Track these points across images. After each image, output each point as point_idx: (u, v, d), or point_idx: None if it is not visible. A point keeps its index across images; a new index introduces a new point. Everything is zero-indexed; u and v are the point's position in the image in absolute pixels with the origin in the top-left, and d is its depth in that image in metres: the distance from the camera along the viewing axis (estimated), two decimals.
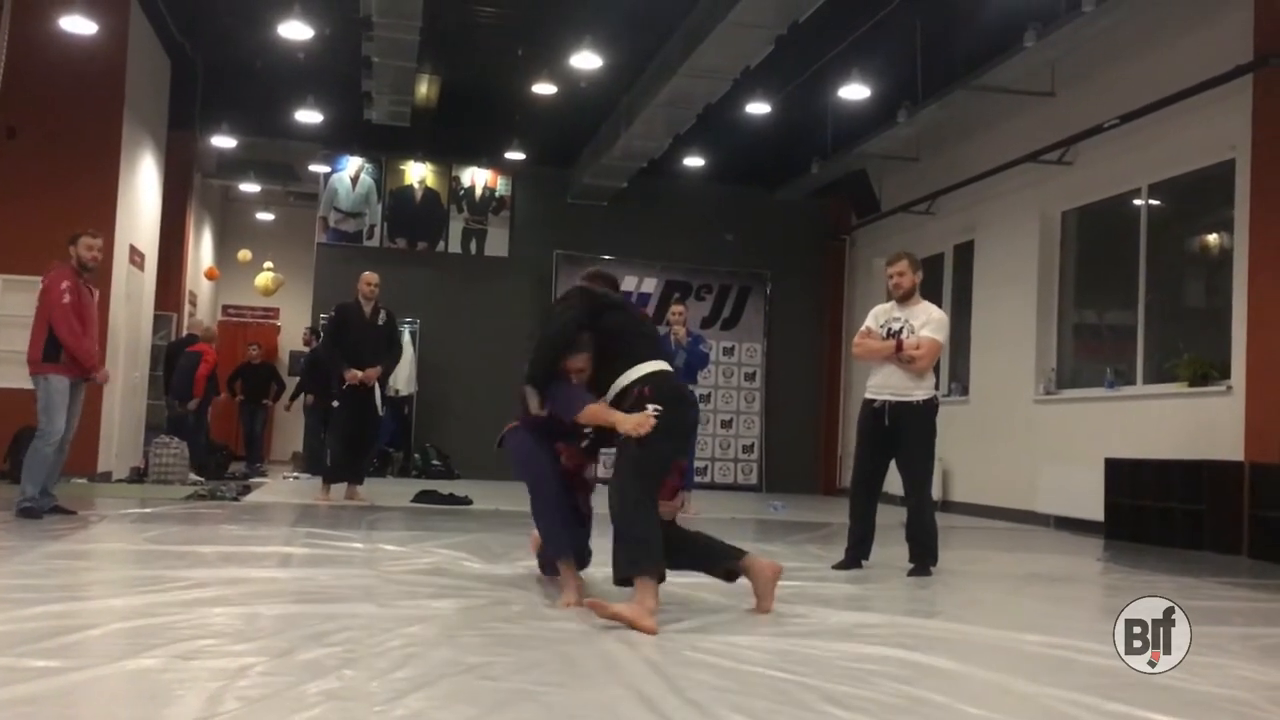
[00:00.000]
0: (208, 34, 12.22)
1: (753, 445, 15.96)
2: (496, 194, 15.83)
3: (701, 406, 10.93)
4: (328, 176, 15.46)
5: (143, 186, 12.18)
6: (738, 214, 16.06)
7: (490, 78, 12.77)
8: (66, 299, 7.03)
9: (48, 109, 10.44)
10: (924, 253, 12.80)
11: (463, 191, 15.76)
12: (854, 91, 11.29)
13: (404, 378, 14.39)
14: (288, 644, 3.32)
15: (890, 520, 6.41)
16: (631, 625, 3.78)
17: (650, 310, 15.71)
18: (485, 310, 15.35)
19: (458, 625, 3.77)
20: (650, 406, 4.18)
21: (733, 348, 16.00)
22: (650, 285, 15.87)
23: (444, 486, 11.09)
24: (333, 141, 15.05)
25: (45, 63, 10.16)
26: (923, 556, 6.03)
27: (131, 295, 11.75)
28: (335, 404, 9.42)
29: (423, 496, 9.99)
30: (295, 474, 13.51)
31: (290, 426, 17.17)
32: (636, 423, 4.12)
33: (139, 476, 11.24)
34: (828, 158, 13.76)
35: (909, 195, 13.72)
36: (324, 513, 8.49)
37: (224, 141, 14.74)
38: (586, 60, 10.86)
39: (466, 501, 9.86)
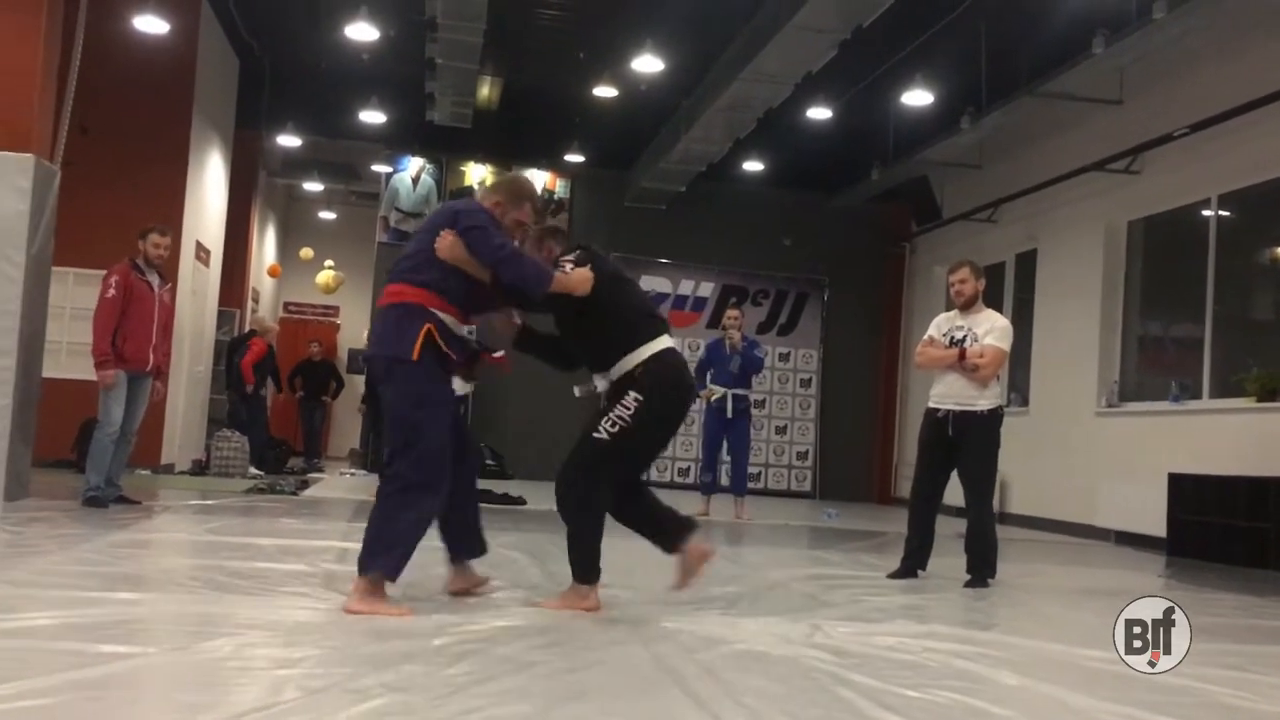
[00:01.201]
0: (275, 35, 12.42)
1: (807, 452, 15.88)
2: (555, 196, 15.89)
3: (755, 412, 10.90)
4: (389, 177, 15.63)
5: (210, 184, 12.41)
6: (796, 219, 15.98)
7: (551, 80, 12.84)
8: (110, 293, 7.12)
9: (120, 107, 10.66)
10: (985, 261, 12.66)
11: None
12: (917, 97, 11.20)
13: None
14: (346, 637, 3.36)
15: (947, 530, 6.35)
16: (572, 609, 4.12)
17: (706, 314, 15.72)
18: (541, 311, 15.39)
19: (514, 622, 3.78)
20: (631, 394, 4.14)
21: (788, 353, 15.93)
22: (707, 289, 15.85)
23: (498, 486, 11.15)
24: (395, 142, 15.21)
25: (118, 61, 10.38)
26: (980, 568, 5.96)
27: (197, 291, 11.96)
28: None
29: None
30: (352, 470, 13.68)
31: (348, 423, 17.40)
32: (581, 279, 4.15)
33: (200, 469, 11.44)
34: (888, 164, 13.65)
35: (971, 203, 13.57)
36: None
37: (289, 141, 14.97)
38: (648, 64, 10.88)
39: (520, 501, 9.91)
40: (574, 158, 15.11)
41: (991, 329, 6.04)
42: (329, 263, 17.93)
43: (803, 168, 15.00)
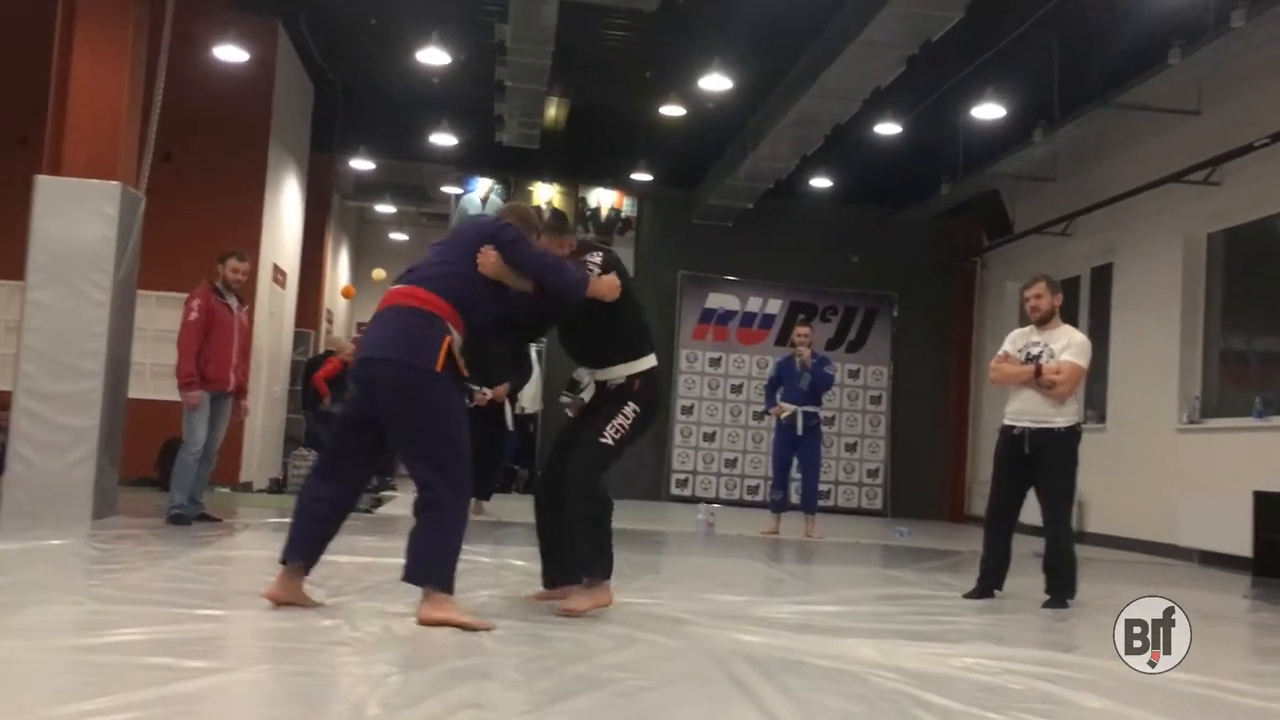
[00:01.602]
0: (349, 61, 12.66)
1: (878, 470, 15.73)
2: (622, 214, 15.98)
3: (825, 429, 10.83)
4: (459, 198, 15.83)
5: (286, 208, 12.68)
6: (864, 235, 15.88)
7: (618, 100, 12.93)
8: (193, 316, 7.27)
9: (200, 133, 10.94)
10: (1060, 275, 12.40)
11: (589, 212, 15.95)
12: (987, 111, 11.08)
13: (530, 396, 14.60)
14: (425, 653, 3.41)
15: (1024, 550, 6.24)
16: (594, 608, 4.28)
17: (774, 332, 15.68)
18: None
19: (590, 640, 3.80)
20: (631, 406, 4.41)
21: (858, 370, 15.81)
22: (775, 306, 15.81)
23: None
24: (464, 163, 15.41)
25: (198, 90, 10.65)
26: (1060, 588, 5.86)
27: (274, 312, 12.22)
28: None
29: None
30: None
31: None
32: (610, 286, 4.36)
33: (278, 487, 11.64)
34: (958, 178, 13.52)
35: (1044, 216, 13.37)
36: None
37: (362, 164, 15.25)
38: (715, 82, 10.91)
39: None
40: (641, 176, 15.18)
41: (1069, 344, 5.95)
42: None
43: (871, 183, 14.91)
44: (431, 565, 3.95)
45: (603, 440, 4.36)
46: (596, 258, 4.47)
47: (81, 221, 7.29)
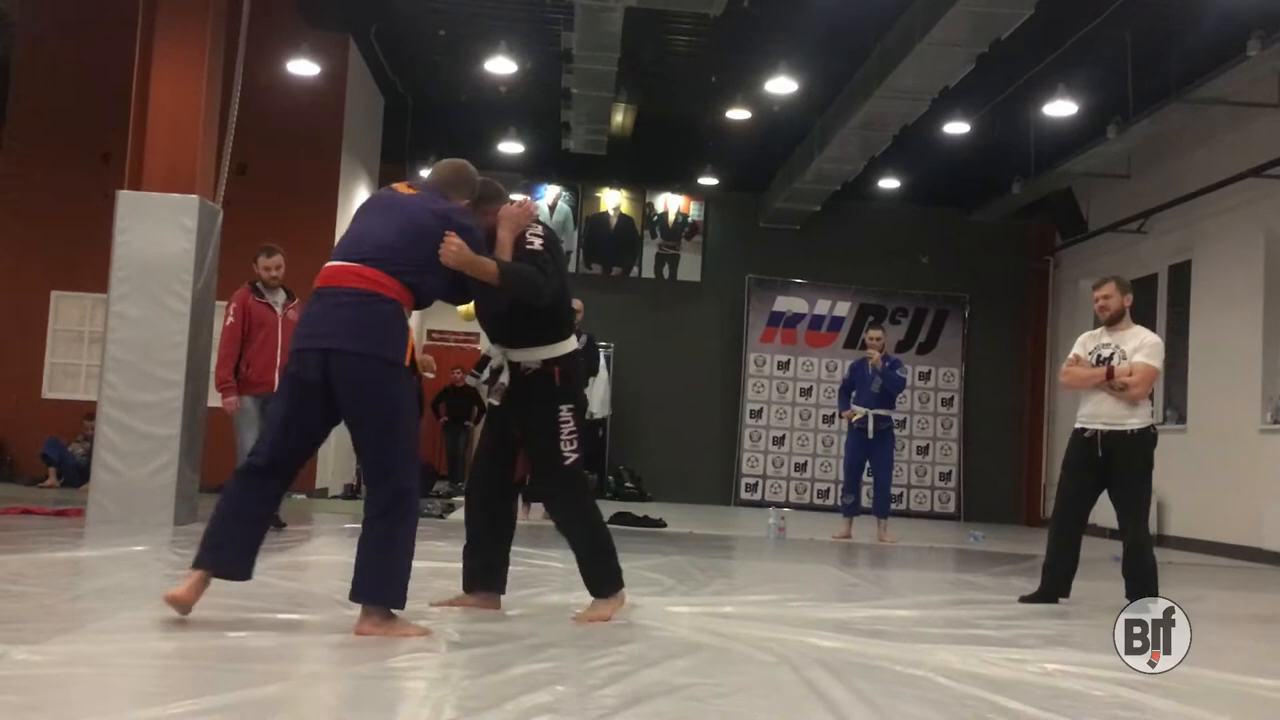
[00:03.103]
0: (418, 72, 12.84)
1: (950, 473, 15.52)
2: (689, 219, 15.98)
3: (897, 432, 10.71)
4: None
5: None
6: (934, 236, 15.72)
7: (684, 105, 12.95)
8: (229, 320, 7.19)
9: (274, 146, 11.17)
10: (1136, 274, 12.25)
11: (656, 217, 15.98)
12: (1059, 108, 10.90)
13: (598, 400, 14.65)
14: (500, 657, 3.44)
15: (1102, 554, 6.12)
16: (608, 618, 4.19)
17: (843, 334, 15.56)
18: (678, 334, 15.51)
19: (663, 646, 3.80)
20: (563, 409, 4.22)
21: (929, 372, 15.62)
22: (843, 309, 15.69)
23: (637, 509, 11.22)
24: (532, 171, 15.53)
25: (273, 103, 10.88)
26: (1140, 593, 5.71)
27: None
28: None
29: (618, 518, 10.13)
30: None
31: None
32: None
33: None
34: (1030, 177, 13.31)
35: (1119, 214, 13.11)
36: (524, 531, 8.70)
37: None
38: (781, 85, 10.87)
39: (661, 524, 9.96)
40: (707, 181, 15.18)
41: (1141, 345, 5.83)
42: None
43: (940, 184, 14.74)
44: (382, 584, 3.73)
45: (566, 462, 4.23)
46: (540, 232, 4.23)
47: (162, 234, 7.48)
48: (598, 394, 14.26)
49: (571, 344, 4.35)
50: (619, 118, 13.47)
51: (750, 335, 15.58)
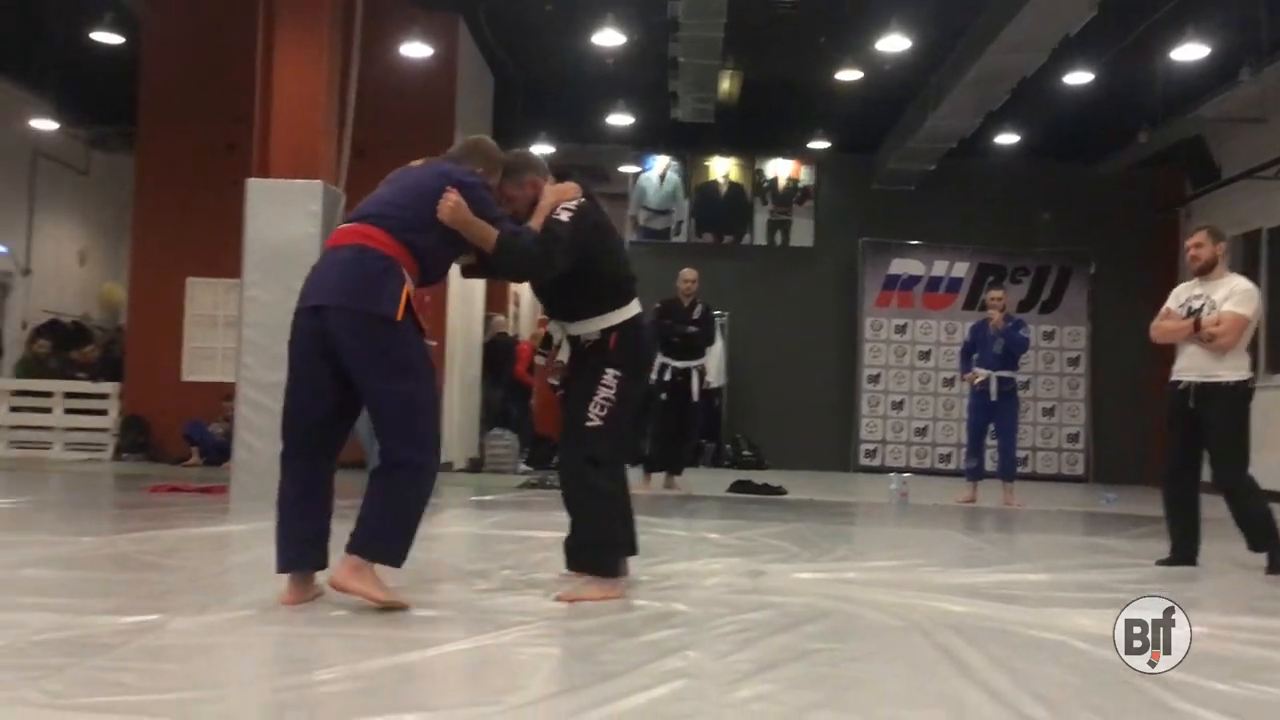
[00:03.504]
0: (527, 49, 12.94)
1: (1078, 434, 15.10)
2: (800, 184, 15.81)
3: (1021, 394, 10.46)
4: (636, 176, 15.98)
5: None
6: (1056, 191, 15.22)
7: (792, 69, 12.78)
8: None
9: (390, 129, 11.37)
10: (1275, 222, 11.70)
11: (766, 184, 15.85)
12: (1188, 51, 10.44)
13: (714, 370, 14.66)
14: (627, 625, 3.49)
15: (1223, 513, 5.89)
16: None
17: (962, 295, 15.24)
18: (791, 301, 15.39)
19: (791, 612, 3.81)
20: (610, 373, 3.97)
21: (1053, 332, 15.19)
22: (961, 269, 15.35)
23: (756, 476, 11.21)
24: (641, 142, 15.54)
25: (387, 87, 11.09)
26: (1263, 545, 5.51)
27: (464, 298, 12.63)
28: (663, 396, 9.62)
29: (737, 486, 10.16)
30: None
31: None
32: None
33: (476, 467, 12.07)
34: (1157, 125, 12.79)
35: (1254, 160, 12.50)
36: (644, 501, 8.79)
37: (542, 149, 15.55)
38: (893, 43, 10.64)
39: (780, 491, 9.93)
40: (818, 144, 14.98)
41: (1231, 293, 5.62)
42: None
43: (1061, 136, 14.27)
44: (380, 543, 3.58)
45: (589, 425, 3.96)
46: (572, 204, 3.98)
47: (288, 220, 7.72)
48: (713, 364, 14.25)
49: (632, 310, 4.11)
50: (726, 84, 13.37)
51: (865, 299, 15.37)
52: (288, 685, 2.60)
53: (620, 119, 13.85)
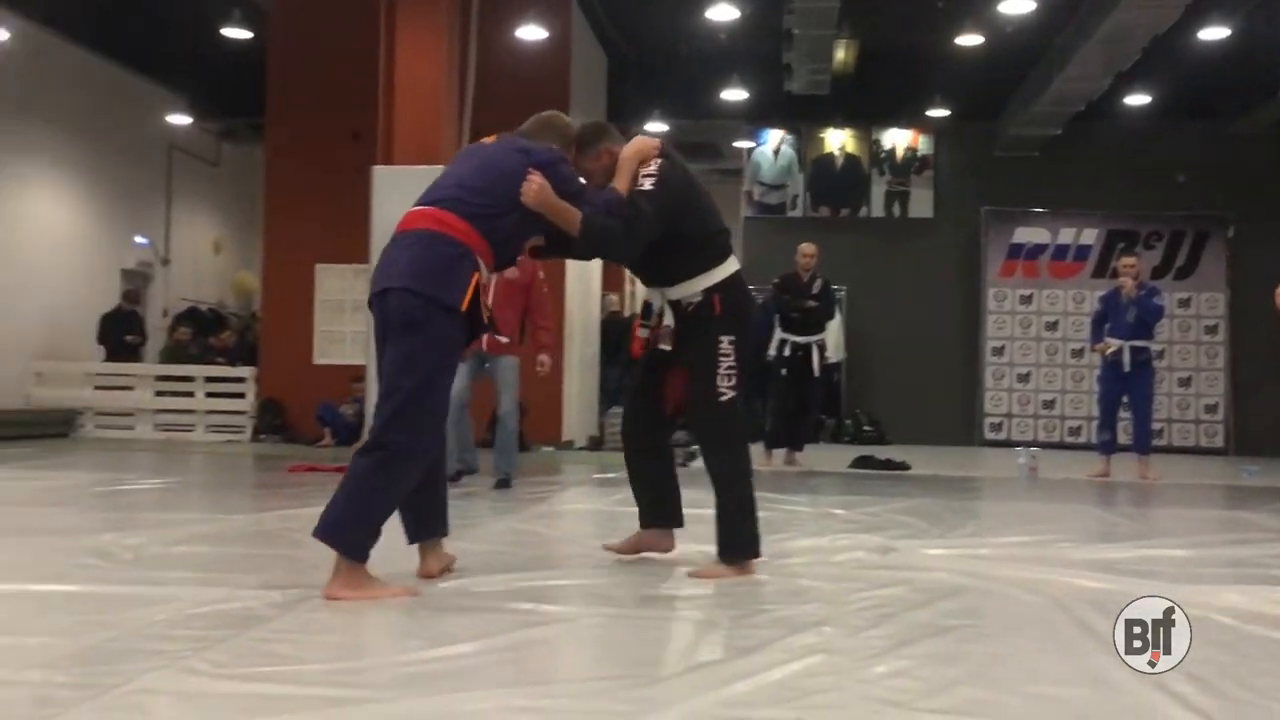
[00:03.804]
0: (639, 27, 12.97)
1: (1216, 405, 14.52)
2: (918, 154, 15.49)
3: (1156, 364, 10.10)
4: (750, 152, 15.87)
5: None
6: (1190, 152, 14.60)
7: (910, 36, 12.55)
8: None
9: (506, 112, 11.41)
10: None
11: (883, 154, 15.57)
12: None
13: (833, 345, 14.50)
14: (762, 600, 3.50)
15: None
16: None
17: (1091, 263, 14.77)
18: (911, 273, 15.12)
19: (926, 588, 3.76)
20: (724, 339, 3.87)
21: (1189, 299, 14.62)
22: (1090, 236, 14.86)
23: (879, 451, 11.09)
24: (754, 117, 15.41)
25: (503, 70, 11.24)
26: None
27: (582, 277, 12.76)
28: (783, 371, 9.59)
29: (860, 462, 10.06)
30: None
31: None
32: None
33: (596, 445, 12.21)
34: None
35: None
36: (766, 478, 8.78)
37: (656, 127, 15.55)
38: (1016, 4, 10.35)
39: (904, 467, 9.81)
40: (937, 112, 14.65)
41: None
42: None
43: (1196, 95, 13.69)
44: (342, 527, 3.38)
45: (722, 399, 3.87)
46: (653, 169, 3.85)
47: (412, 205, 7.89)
48: (832, 338, 14.11)
49: (730, 267, 4.00)
50: (841, 54, 13.19)
51: (988, 270, 15.01)
52: (432, 657, 2.68)
53: (733, 94, 13.78)
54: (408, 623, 3.08)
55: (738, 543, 3.97)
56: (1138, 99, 13.66)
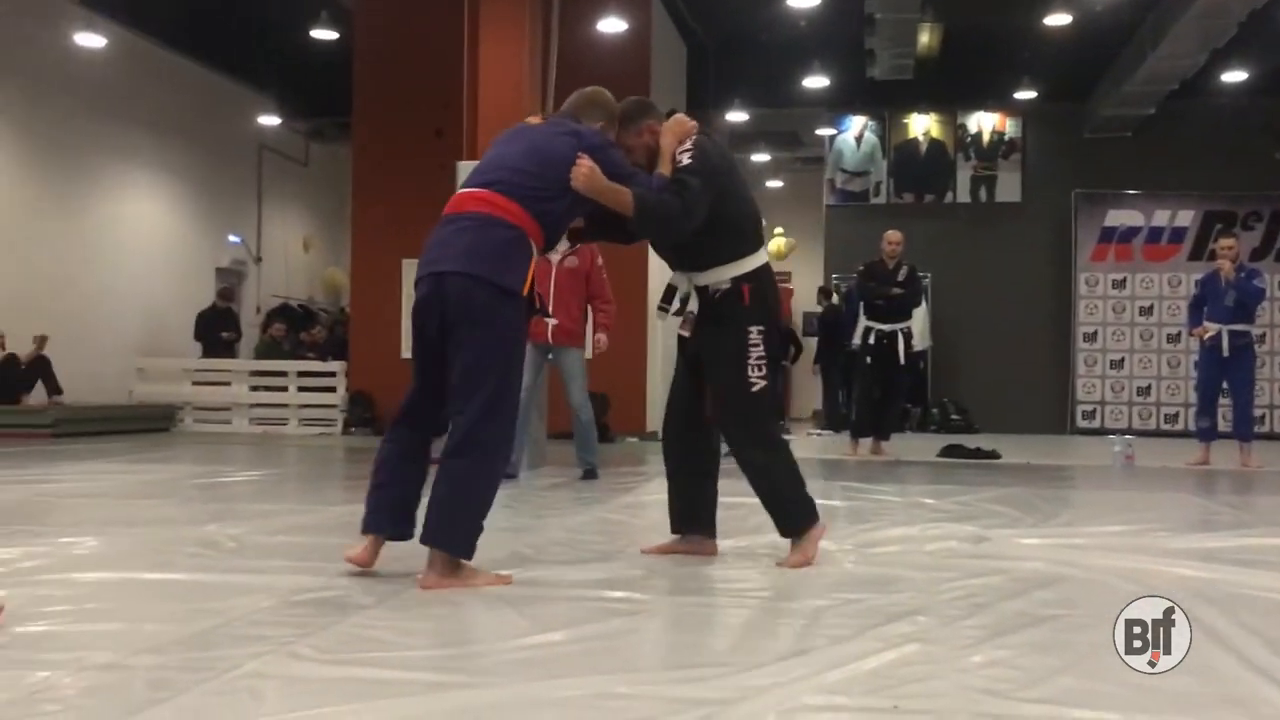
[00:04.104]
0: (718, 16, 12.92)
1: None
2: (1005, 137, 15.21)
3: (1258, 348, 9.78)
4: (832, 139, 15.73)
5: None
6: None
7: (995, 17, 12.31)
8: None
9: None
10: None
11: (969, 138, 15.32)
12: None
13: (919, 333, 14.31)
14: (854, 588, 3.48)
15: None
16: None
17: (1187, 246, 14.36)
18: (998, 259, 14.86)
19: (1018, 577, 3.71)
20: (753, 330, 3.82)
21: None
22: (1185, 218, 14.45)
23: (967, 440, 10.93)
24: (836, 104, 15.28)
25: (584, 64, 11.24)
26: None
27: (662, 264, 12.77)
28: (868, 359, 9.52)
29: (948, 450, 9.93)
30: (819, 431, 13.99)
31: (808, 386, 17.79)
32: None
33: None
34: None
35: None
36: (853, 467, 8.73)
37: (736, 116, 15.51)
38: None
39: (995, 455, 9.65)
40: (1024, 95, 14.36)
41: None
42: (779, 230, 18.40)
43: None
44: (451, 532, 3.40)
45: (753, 389, 3.82)
46: (689, 147, 3.80)
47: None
48: (918, 326, 13.93)
49: (760, 258, 3.94)
50: (925, 38, 13.00)
51: (1079, 254, 14.68)
52: (528, 644, 2.72)
53: (814, 81, 13.67)
54: (503, 610, 3.13)
55: (793, 514, 3.95)
56: (1234, 75, 13.24)
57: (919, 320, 13.87)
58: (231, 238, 15.68)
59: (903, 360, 9.48)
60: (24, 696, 2.24)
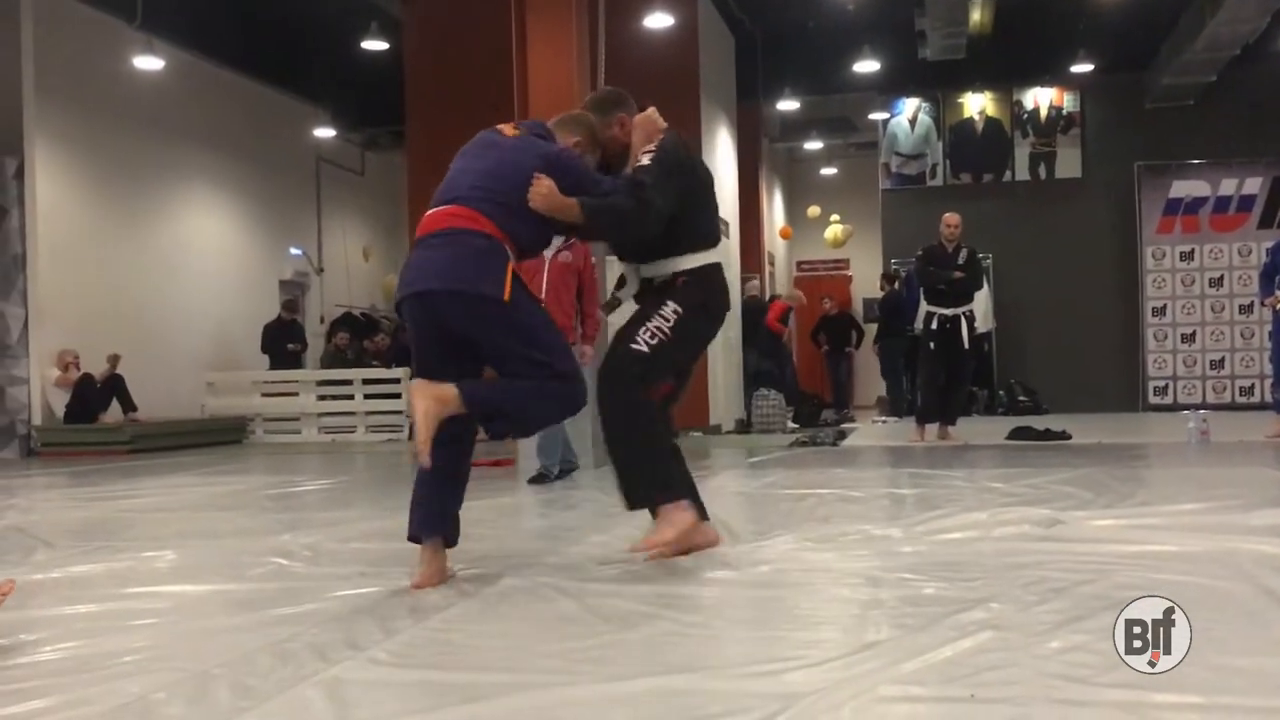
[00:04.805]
0: (765, 5, 12.86)
1: None
2: (1064, 112, 14.95)
3: None
4: (885, 123, 15.58)
5: (720, 160, 13.15)
6: None
7: None
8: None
9: (635, 97, 11.59)
10: None
11: (1026, 115, 15.09)
12: None
13: (981, 315, 14.13)
14: (925, 577, 3.45)
15: None
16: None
17: (1255, 214, 14.02)
18: (1060, 236, 14.62)
19: (1092, 560, 3.65)
20: (670, 305, 3.79)
21: None
22: (1253, 185, 14.10)
23: (1037, 422, 10.77)
24: (888, 87, 15.13)
25: (632, 60, 11.26)
26: None
27: (727, 262, 12.74)
28: (931, 345, 9.43)
29: (1018, 433, 9.79)
30: (883, 418, 13.87)
31: (872, 372, 17.67)
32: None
33: (744, 427, 12.20)
34: None
35: None
36: (920, 453, 8.65)
37: (787, 105, 15.45)
38: None
39: (1065, 436, 9.50)
40: (1081, 68, 14.11)
41: None
42: (835, 217, 18.27)
43: None
44: (633, 484, 3.68)
45: (634, 346, 3.77)
46: (652, 146, 3.82)
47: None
48: (981, 308, 13.77)
49: (708, 258, 3.93)
50: (977, 15, 12.83)
51: (1145, 228, 14.40)
52: (602, 642, 2.75)
53: (865, 65, 13.55)
54: (574, 609, 3.15)
55: (635, 482, 3.85)
56: None
57: (981, 302, 13.71)
58: (293, 250, 15.93)
59: (966, 344, 9.37)
60: (115, 708, 2.30)
